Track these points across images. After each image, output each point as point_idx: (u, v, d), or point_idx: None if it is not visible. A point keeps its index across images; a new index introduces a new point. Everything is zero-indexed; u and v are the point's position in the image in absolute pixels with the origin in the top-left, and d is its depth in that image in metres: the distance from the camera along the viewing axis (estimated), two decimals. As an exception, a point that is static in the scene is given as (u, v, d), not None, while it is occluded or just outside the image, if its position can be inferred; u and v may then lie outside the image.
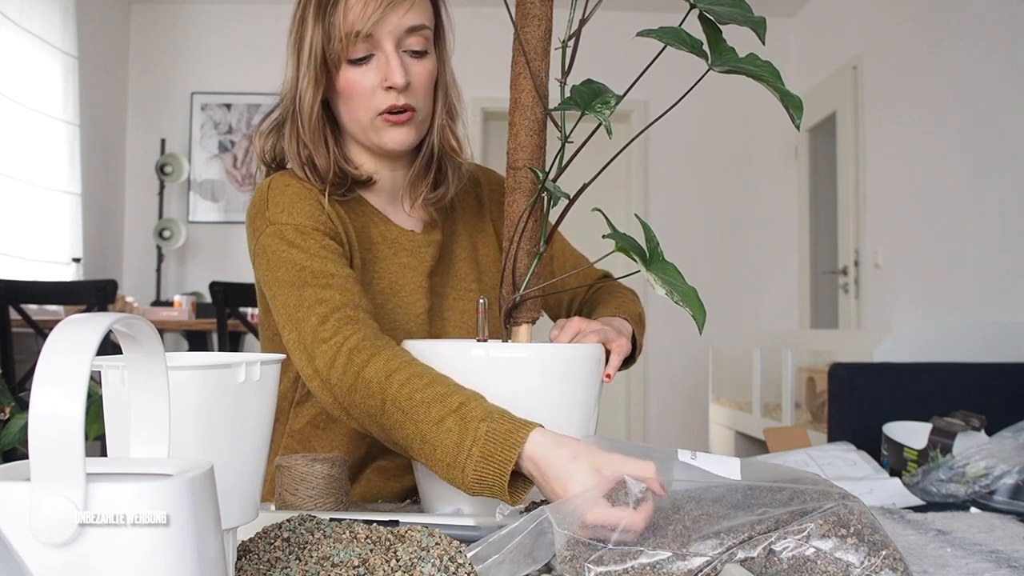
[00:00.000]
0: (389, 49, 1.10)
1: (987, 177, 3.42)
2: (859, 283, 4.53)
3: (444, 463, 0.87)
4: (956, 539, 0.94)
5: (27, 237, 4.13)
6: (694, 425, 5.24)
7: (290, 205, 1.10)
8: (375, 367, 0.94)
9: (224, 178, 5.40)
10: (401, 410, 0.90)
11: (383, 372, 0.93)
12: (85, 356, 0.46)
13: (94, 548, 0.46)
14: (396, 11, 1.09)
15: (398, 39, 1.10)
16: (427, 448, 0.88)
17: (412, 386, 0.91)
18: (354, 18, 1.08)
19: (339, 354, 0.97)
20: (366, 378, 0.94)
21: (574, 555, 0.71)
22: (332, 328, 0.99)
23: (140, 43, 5.43)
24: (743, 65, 0.93)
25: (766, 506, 0.74)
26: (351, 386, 0.95)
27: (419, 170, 1.22)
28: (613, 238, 0.91)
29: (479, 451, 0.84)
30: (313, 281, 1.03)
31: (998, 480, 1.17)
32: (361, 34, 1.08)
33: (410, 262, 1.20)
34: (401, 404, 0.91)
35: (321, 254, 1.06)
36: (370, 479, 1.20)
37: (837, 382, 2.20)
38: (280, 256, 1.06)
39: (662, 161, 5.51)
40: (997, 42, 3.36)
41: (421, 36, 1.12)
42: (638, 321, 1.22)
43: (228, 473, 0.65)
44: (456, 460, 0.85)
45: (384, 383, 0.92)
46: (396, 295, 1.18)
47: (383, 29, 1.09)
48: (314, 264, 1.05)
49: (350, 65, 1.11)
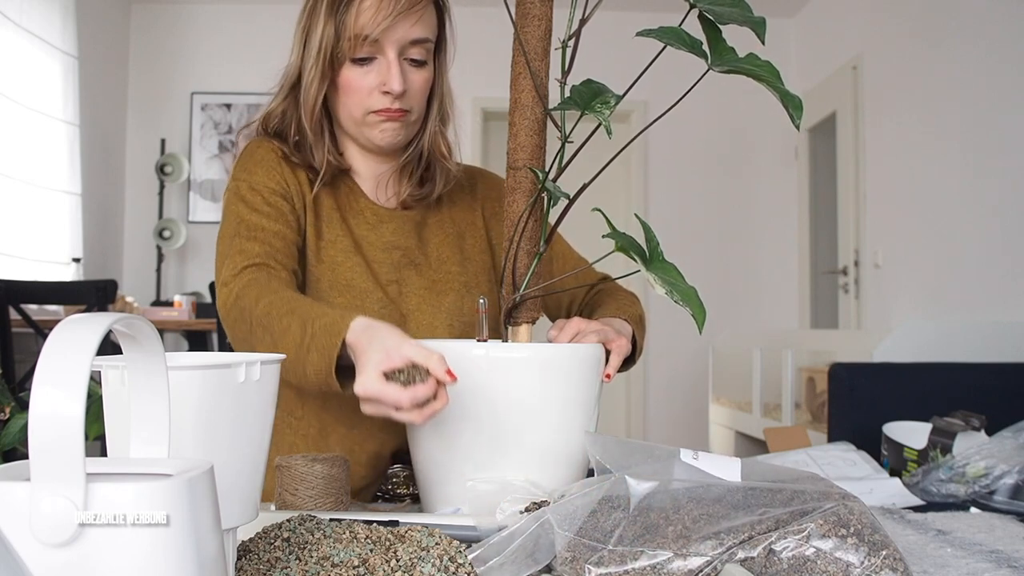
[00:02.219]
0: (391, 56, 1.15)
1: (987, 177, 3.42)
2: (859, 283, 4.53)
3: (292, 367, 0.95)
4: (956, 539, 0.94)
5: (27, 237, 4.13)
6: (694, 425, 5.24)
7: (254, 165, 1.19)
8: (251, 297, 1.04)
9: (224, 178, 5.40)
10: (262, 327, 1.00)
11: (255, 299, 1.04)
12: (85, 356, 0.46)
13: (94, 548, 0.46)
14: (405, 22, 1.14)
15: (401, 48, 1.16)
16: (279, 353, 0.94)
17: (273, 306, 1.01)
18: (364, 22, 1.13)
19: (231, 295, 1.07)
20: (242, 307, 1.05)
21: (575, 556, 0.71)
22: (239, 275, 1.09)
23: (140, 43, 5.43)
24: (743, 65, 0.93)
25: (766, 506, 0.74)
26: (235, 319, 1.06)
27: (404, 165, 1.27)
28: (613, 238, 0.91)
29: (314, 345, 0.92)
30: (244, 233, 1.13)
31: (998, 480, 1.17)
32: (369, 38, 1.13)
33: (379, 227, 1.24)
34: (262, 321, 1.00)
35: (263, 210, 1.15)
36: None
37: (837, 382, 2.20)
38: (229, 209, 1.18)
39: (662, 161, 5.51)
40: (997, 42, 3.36)
41: (423, 47, 1.18)
42: (638, 322, 1.22)
43: (228, 473, 0.65)
44: (298, 357, 0.94)
45: (253, 308, 1.03)
46: (360, 253, 1.22)
47: (390, 37, 1.14)
48: (251, 218, 1.15)
49: (352, 64, 1.16)
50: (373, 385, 0.84)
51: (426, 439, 0.99)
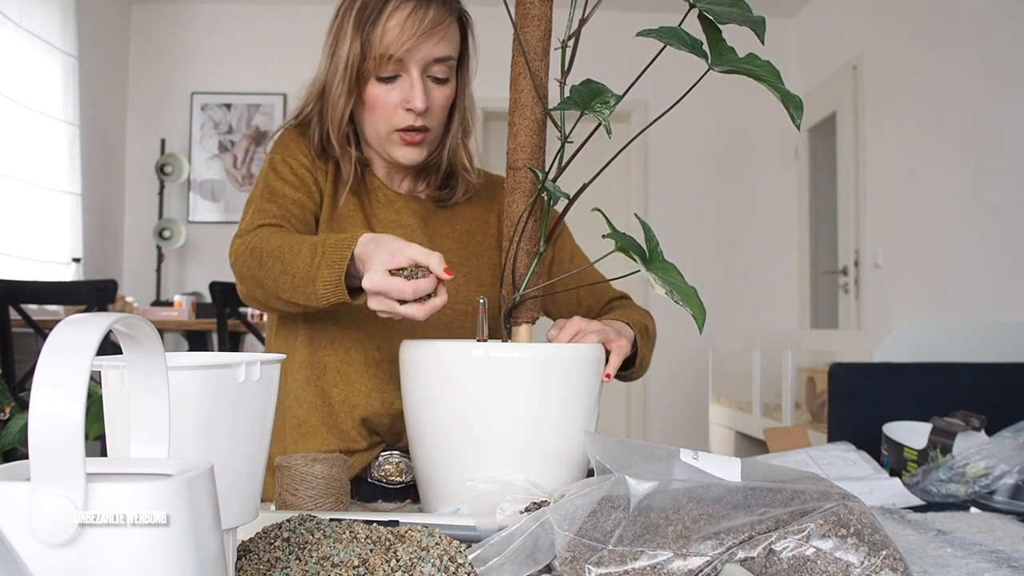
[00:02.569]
0: (415, 75, 1.19)
1: (987, 177, 3.42)
2: (859, 283, 4.53)
3: (302, 285, 1.02)
4: (956, 539, 0.94)
5: (27, 237, 4.13)
6: (694, 425, 5.24)
7: (285, 145, 1.28)
8: (261, 236, 1.13)
9: (224, 178, 5.40)
10: (272, 256, 1.08)
11: (266, 237, 1.12)
12: (85, 356, 0.46)
13: (94, 548, 0.46)
14: (428, 41, 1.18)
15: (425, 66, 1.20)
16: (288, 278, 1.04)
17: (285, 241, 1.09)
18: (389, 41, 1.17)
19: (244, 244, 1.14)
20: (251, 245, 1.12)
21: (574, 556, 0.71)
22: (254, 230, 1.16)
23: (140, 43, 5.43)
24: (743, 65, 0.93)
25: (766, 506, 0.74)
26: (244, 261, 1.12)
27: (421, 170, 1.31)
28: (613, 238, 0.91)
29: (324, 262, 1.00)
30: (267, 196, 1.21)
31: (998, 480, 1.17)
32: (393, 58, 1.17)
33: (388, 207, 1.29)
34: (273, 252, 1.08)
35: (287, 178, 1.23)
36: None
37: (837, 382, 2.20)
38: (261, 177, 1.26)
39: (662, 161, 5.51)
40: (997, 42, 3.36)
41: (446, 65, 1.22)
42: (643, 332, 1.22)
43: (228, 473, 0.65)
44: (308, 275, 1.01)
45: (264, 245, 1.10)
46: (368, 227, 1.26)
47: (413, 56, 1.18)
48: (275, 184, 1.22)
49: (377, 81, 1.20)
50: (380, 279, 0.92)
51: (426, 439, 0.99)
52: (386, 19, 1.16)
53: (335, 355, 1.23)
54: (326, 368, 1.23)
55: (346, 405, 1.22)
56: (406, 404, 1.02)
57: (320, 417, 1.23)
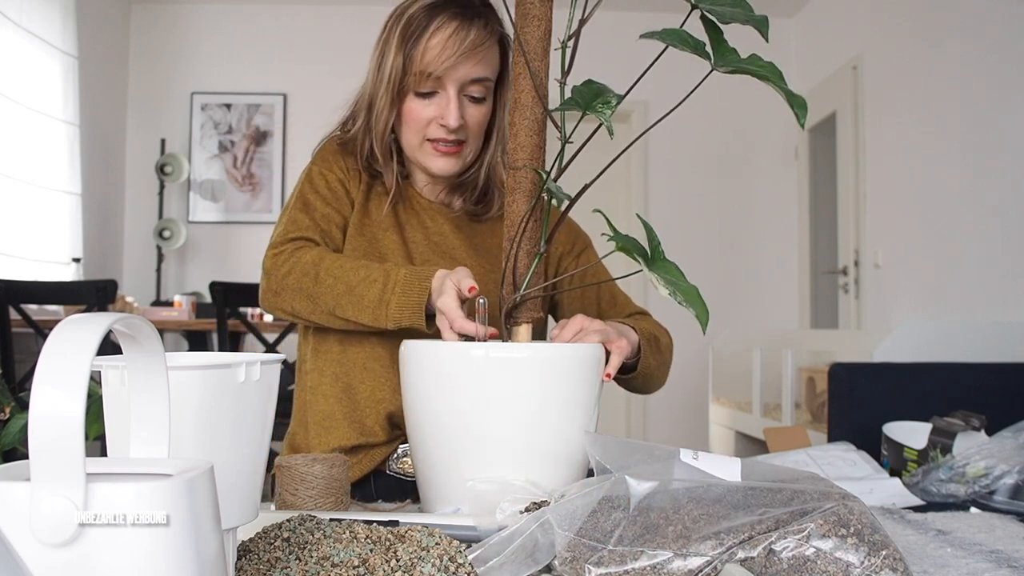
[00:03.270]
0: (452, 93, 1.23)
1: (987, 177, 3.42)
2: (859, 283, 4.53)
3: (371, 306, 1.12)
4: (956, 539, 0.94)
5: (27, 237, 4.13)
6: (694, 425, 5.24)
7: (324, 157, 1.33)
8: (312, 254, 1.19)
9: (224, 178, 5.40)
10: (333, 276, 1.15)
11: (318, 256, 1.18)
12: (85, 356, 0.46)
13: (94, 548, 0.46)
14: (467, 62, 1.22)
15: (462, 85, 1.24)
16: (354, 298, 1.13)
17: (343, 261, 1.17)
18: (430, 59, 1.20)
19: (282, 254, 1.20)
20: (302, 260, 1.18)
21: (574, 556, 0.71)
22: (291, 241, 1.22)
23: (140, 43, 5.43)
24: (746, 66, 0.93)
25: (766, 506, 0.74)
26: (287, 272, 1.18)
27: (458, 184, 1.34)
28: (614, 239, 0.91)
29: (400, 288, 1.11)
30: (301, 207, 1.27)
31: (998, 480, 1.17)
32: (432, 75, 1.21)
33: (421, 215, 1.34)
34: (333, 271, 1.15)
35: (322, 191, 1.28)
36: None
37: (837, 382, 2.20)
38: (297, 186, 1.31)
39: (662, 161, 5.51)
40: (997, 42, 3.36)
41: (483, 86, 1.25)
42: (651, 340, 1.22)
43: (228, 473, 0.65)
44: (382, 299, 1.11)
45: (318, 261, 1.17)
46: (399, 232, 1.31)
47: (451, 76, 1.22)
48: (309, 197, 1.28)
49: (416, 96, 1.24)
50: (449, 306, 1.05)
51: (426, 439, 0.99)
52: (428, 37, 1.20)
53: (363, 351, 1.26)
54: (354, 364, 1.26)
55: (372, 400, 1.25)
56: (406, 404, 1.02)
57: (344, 412, 1.26)
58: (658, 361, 1.24)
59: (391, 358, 1.25)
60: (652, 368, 1.22)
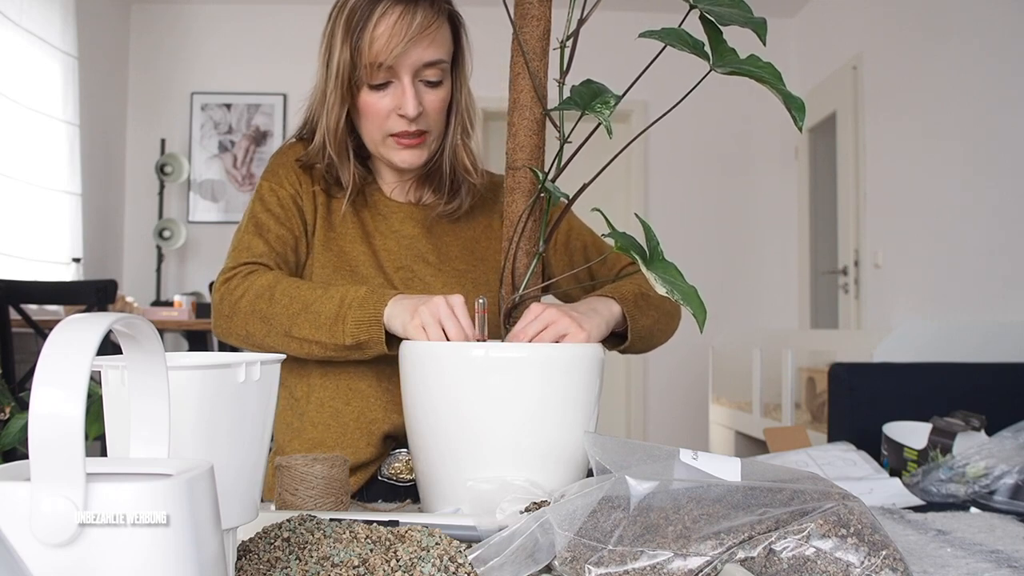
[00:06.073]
0: (406, 81, 1.18)
1: (987, 177, 3.42)
2: (859, 283, 4.53)
3: (327, 323, 1.09)
4: (956, 539, 0.94)
5: (27, 237, 4.13)
6: (694, 425, 5.24)
7: (276, 169, 1.28)
8: (267, 277, 1.15)
9: (224, 178, 5.40)
10: (288, 296, 1.12)
11: (273, 278, 1.15)
12: (85, 356, 0.46)
13: (94, 548, 0.46)
14: (418, 46, 1.16)
15: (415, 71, 1.18)
16: (311, 315, 1.10)
17: (299, 282, 1.14)
18: (378, 49, 1.15)
19: (234, 278, 1.17)
20: (256, 284, 1.14)
21: (574, 556, 0.71)
22: (244, 265, 1.19)
23: (140, 43, 5.43)
24: (745, 66, 0.93)
25: (766, 506, 0.74)
26: (241, 295, 1.14)
27: (424, 176, 1.30)
28: (613, 238, 0.91)
29: (357, 303, 1.08)
30: (253, 229, 1.23)
31: (998, 480, 1.17)
32: (383, 65, 1.15)
33: (390, 218, 1.29)
34: (289, 291, 1.12)
35: (274, 210, 1.24)
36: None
37: (837, 382, 2.20)
38: (250, 207, 1.26)
39: (662, 161, 5.51)
40: (997, 42, 3.36)
41: (438, 68, 1.20)
42: (638, 300, 1.16)
43: (228, 473, 0.65)
44: (339, 315, 1.08)
45: (273, 283, 1.14)
46: (368, 242, 1.27)
47: (403, 62, 1.17)
48: (261, 217, 1.23)
49: (370, 89, 1.19)
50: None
51: (426, 439, 0.99)
52: (374, 26, 1.14)
53: (346, 372, 1.22)
54: (338, 387, 1.22)
55: (362, 421, 1.21)
56: (406, 404, 1.02)
57: (335, 437, 1.22)
58: (653, 317, 1.18)
59: (376, 376, 1.22)
60: (647, 327, 1.17)
